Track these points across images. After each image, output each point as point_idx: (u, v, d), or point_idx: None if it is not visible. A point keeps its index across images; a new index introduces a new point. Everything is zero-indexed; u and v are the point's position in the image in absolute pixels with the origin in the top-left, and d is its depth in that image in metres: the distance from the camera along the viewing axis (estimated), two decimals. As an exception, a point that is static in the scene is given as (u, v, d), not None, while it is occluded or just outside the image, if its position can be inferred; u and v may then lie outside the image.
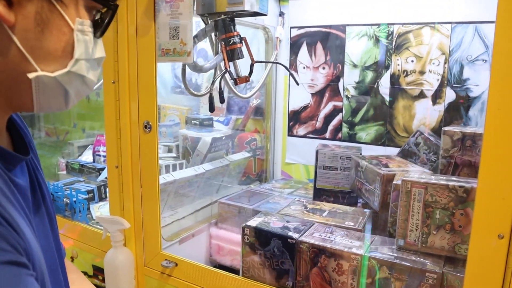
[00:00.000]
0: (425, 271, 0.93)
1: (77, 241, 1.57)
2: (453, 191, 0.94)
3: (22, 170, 0.64)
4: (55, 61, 0.55)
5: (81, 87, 0.61)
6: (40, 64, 0.54)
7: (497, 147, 0.80)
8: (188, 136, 1.82)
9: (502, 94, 0.78)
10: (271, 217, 1.23)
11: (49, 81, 0.55)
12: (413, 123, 1.63)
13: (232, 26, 1.26)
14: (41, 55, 0.53)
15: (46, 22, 0.52)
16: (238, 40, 1.27)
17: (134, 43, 1.22)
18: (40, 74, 0.54)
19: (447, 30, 1.52)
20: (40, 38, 0.53)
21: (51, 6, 0.52)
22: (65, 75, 0.56)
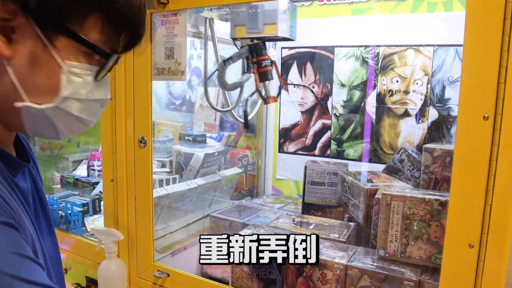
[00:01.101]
0: (403, 279, 0.98)
1: (71, 253, 1.61)
2: (429, 204, 1.00)
3: (24, 177, 0.69)
4: (44, 95, 0.60)
5: (73, 123, 0.65)
6: (30, 96, 0.59)
7: (466, 162, 0.86)
8: (181, 151, 1.88)
9: (470, 114, 0.85)
10: (260, 229, 1.28)
11: (36, 112, 0.60)
12: (398, 141, 1.69)
13: (264, 50, 1.35)
14: (31, 88, 0.59)
15: (38, 60, 0.58)
16: (269, 63, 1.36)
17: (131, 61, 1.29)
18: (27, 104, 0.59)
19: (430, 52, 1.60)
20: (31, 73, 0.58)
21: (44, 47, 0.57)
22: (52, 109, 0.61)
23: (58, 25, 0.57)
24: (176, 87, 2.17)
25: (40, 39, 0.57)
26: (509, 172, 0.82)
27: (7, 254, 0.48)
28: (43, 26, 0.56)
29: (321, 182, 1.61)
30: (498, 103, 0.82)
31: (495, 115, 0.83)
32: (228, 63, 1.40)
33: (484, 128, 0.84)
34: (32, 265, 0.51)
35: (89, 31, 0.59)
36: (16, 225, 0.53)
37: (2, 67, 0.57)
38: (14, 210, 0.55)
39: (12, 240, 0.51)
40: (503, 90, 0.82)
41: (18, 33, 0.56)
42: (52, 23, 0.57)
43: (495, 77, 0.82)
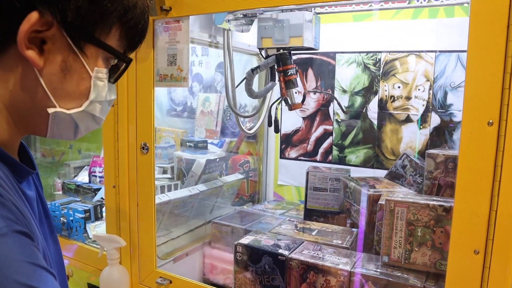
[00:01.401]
0: (408, 286, 0.97)
1: (73, 260, 1.60)
2: (433, 210, 0.99)
3: (29, 185, 0.70)
4: (72, 101, 0.65)
5: (91, 123, 0.70)
6: (59, 102, 0.63)
7: (471, 168, 0.86)
8: (182, 158, 1.88)
9: (474, 120, 0.84)
10: (262, 235, 1.28)
11: (64, 117, 0.65)
12: (400, 147, 1.69)
13: (290, 59, 1.40)
14: (61, 95, 0.63)
15: (69, 69, 0.62)
16: (294, 72, 1.42)
17: (133, 68, 1.29)
18: (58, 110, 0.63)
19: (431, 58, 1.60)
20: (62, 81, 0.62)
21: (75, 56, 0.61)
22: (79, 113, 0.66)
23: (89, 35, 0.61)
24: (178, 94, 2.18)
25: (71, 49, 0.61)
26: (514, 178, 0.82)
27: (22, 263, 0.49)
28: (75, 37, 0.60)
29: (323, 188, 1.60)
30: (503, 108, 0.82)
31: (499, 121, 0.83)
32: (256, 72, 1.48)
33: (489, 134, 0.84)
34: (45, 275, 0.52)
35: (111, 38, 0.64)
36: (30, 233, 0.54)
37: (35, 76, 0.60)
38: (27, 218, 0.56)
39: (27, 249, 0.52)
40: (507, 96, 0.82)
41: (49, 43, 0.59)
42: (84, 34, 0.61)
43: (499, 82, 0.82)
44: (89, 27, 0.61)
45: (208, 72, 2.09)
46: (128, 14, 0.64)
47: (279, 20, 1.33)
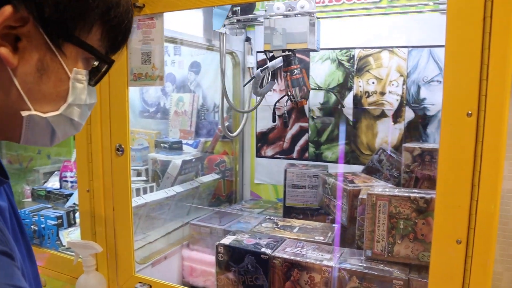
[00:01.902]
0: (392, 278, 0.98)
1: (46, 269, 1.54)
2: (415, 202, 1.00)
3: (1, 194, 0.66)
4: (49, 103, 0.60)
5: (69, 128, 0.65)
6: (35, 105, 0.58)
7: (451, 159, 0.87)
8: (157, 159, 1.84)
9: (454, 111, 0.86)
10: (243, 235, 1.26)
11: (40, 121, 0.60)
12: (375, 142, 1.71)
13: (295, 60, 1.50)
14: (37, 97, 0.58)
15: (46, 69, 0.57)
16: (299, 71, 1.51)
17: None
18: (32, 113, 0.58)
19: (404, 54, 1.62)
20: (38, 82, 0.57)
21: (53, 55, 0.57)
22: (56, 117, 0.61)
23: (68, 33, 0.57)
24: (150, 94, 2.13)
25: (49, 47, 0.56)
26: (494, 167, 0.83)
27: (4, 286, 0.47)
28: (53, 34, 0.56)
29: (302, 185, 1.60)
30: (481, 100, 0.83)
31: (478, 112, 0.84)
32: (264, 72, 1.56)
33: (468, 125, 0.85)
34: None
35: (92, 38, 0.60)
36: (11, 253, 0.51)
37: (8, 76, 0.56)
38: (6, 235, 0.53)
39: (9, 271, 0.49)
40: (485, 87, 0.83)
41: (24, 41, 0.55)
42: (63, 31, 0.57)
43: (477, 74, 0.83)
44: (69, 24, 0.56)
45: (181, 72, 2.05)
46: (110, 12, 0.60)
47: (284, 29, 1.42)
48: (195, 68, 2.03)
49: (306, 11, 1.39)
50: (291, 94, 1.52)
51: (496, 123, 0.83)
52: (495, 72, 0.82)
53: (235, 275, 1.16)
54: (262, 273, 1.12)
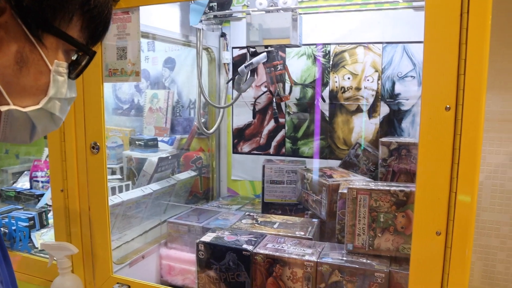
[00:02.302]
0: (374, 271, 0.99)
1: (18, 273, 1.47)
2: (395, 195, 1.02)
3: None
4: (29, 97, 0.57)
5: (49, 124, 0.63)
6: (14, 99, 0.56)
7: (430, 152, 0.88)
8: (132, 157, 1.80)
9: (432, 105, 0.87)
10: (224, 231, 1.25)
11: (19, 116, 0.57)
12: (352, 136, 1.73)
13: (278, 56, 1.52)
14: (16, 90, 0.56)
15: (25, 61, 0.55)
16: (282, 67, 1.53)
17: (79, 63, 1.21)
18: (12, 108, 0.56)
19: (379, 50, 1.64)
20: (18, 75, 0.55)
21: (32, 47, 0.55)
22: (36, 111, 0.59)
23: (48, 23, 0.55)
24: (123, 91, 2.09)
25: (28, 38, 0.54)
26: (472, 160, 0.85)
27: None
28: (32, 25, 0.53)
29: (280, 181, 1.60)
30: (459, 94, 0.85)
31: (456, 106, 0.86)
32: (249, 68, 1.56)
33: (447, 119, 0.86)
34: None
35: (72, 28, 0.58)
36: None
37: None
38: None
39: None
40: (463, 81, 0.85)
41: (1, 32, 0.52)
42: (42, 21, 0.54)
43: (454, 69, 0.85)
44: (48, 14, 0.54)
45: (155, 68, 2.02)
46: (90, 2, 0.58)
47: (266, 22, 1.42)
48: (170, 64, 2.00)
49: (289, 6, 1.39)
50: (275, 90, 1.52)
51: (473, 116, 0.85)
52: (472, 66, 0.84)
53: (216, 273, 1.15)
54: (244, 269, 1.12)
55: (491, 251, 1.67)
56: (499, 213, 1.64)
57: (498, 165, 1.62)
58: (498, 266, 1.67)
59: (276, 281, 1.09)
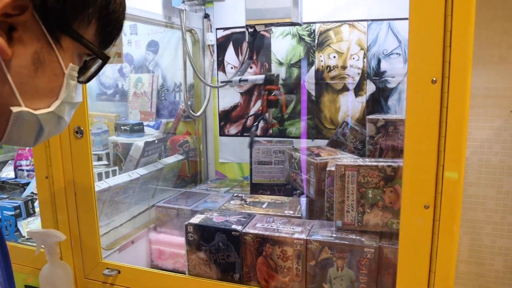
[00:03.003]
0: (363, 247, 0.99)
1: (5, 261, 1.47)
2: (382, 170, 1.02)
3: None
4: (41, 100, 0.56)
5: (55, 127, 0.61)
6: (26, 101, 0.54)
7: (417, 126, 0.88)
8: (118, 142, 1.78)
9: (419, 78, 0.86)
10: (212, 213, 1.24)
11: (29, 118, 0.55)
12: (338, 115, 1.72)
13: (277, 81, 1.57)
14: (29, 92, 0.54)
15: (42, 62, 0.53)
16: (279, 93, 1.59)
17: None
18: (23, 109, 0.54)
19: (364, 27, 1.63)
20: (33, 76, 0.53)
21: (50, 48, 0.53)
22: (47, 114, 0.57)
23: (68, 25, 0.53)
24: (107, 76, 2.05)
25: (46, 39, 0.52)
26: (459, 133, 0.85)
27: None
28: (52, 26, 0.52)
29: (268, 161, 1.60)
30: (445, 66, 0.85)
31: (442, 78, 0.85)
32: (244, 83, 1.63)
33: (433, 92, 0.86)
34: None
35: (89, 32, 0.56)
36: None
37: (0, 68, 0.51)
38: None
39: None
40: (448, 54, 0.84)
41: (20, 31, 0.50)
42: (62, 23, 0.52)
43: (440, 41, 0.84)
44: (69, 16, 0.52)
45: (139, 52, 1.98)
46: (110, 6, 0.56)
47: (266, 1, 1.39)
48: (153, 47, 1.97)
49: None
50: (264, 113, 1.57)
51: (460, 89, 0.84)
52: (458, 38, 0.83)
53: (206, 254, 1.15)
54: (233, 250, 1.11)
55: (478, 225, 1.70)
56: (485, 188, 1.66)
57: (483, 140, 1.64)
58: (484, 239, 1.70)
59: (266, 260, 1.09)
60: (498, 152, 1.63)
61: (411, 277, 0.92)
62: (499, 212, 1.66)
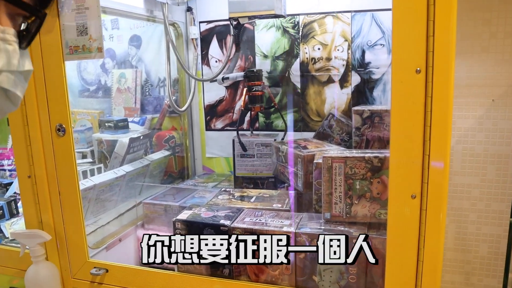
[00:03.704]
0: (352, 238, 0.99)
1: (-11, 264, 1.44)
2: (369, 162, 1.02)
3: None
4: None
5: (4, 102, 0.55)
6: None
7: (403, 116, 0.88)
8: (103, 139, 1.75)
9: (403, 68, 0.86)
10: (200, 208, 1.23)
11: None
12: (324, 107, 1.72)
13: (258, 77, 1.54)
14: None
15: None
16: (261, 89, 1.56)
17: (36, 41, 1.15)
18: None
19: (348, 18, 1.63)
20: None
21: None
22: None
23: None
24: (89, 72, 2.01)
25: None
26: (443, 122, 0.86)
27: None
28: None
29: (251, 154, 1.59)
30: (429, 56, 0.85)
31: (426, 68, 0.85)
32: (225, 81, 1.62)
33: (417, 81, 0.86)
34: None
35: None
36: None
37: None
38: None
39: None
40: (432, 43, 0.84)
41: None
42: None
43: (423, 31, 0.84)
44: None
45: (121, 47, 1.95)
46: None
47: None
48: (136, 42, 1.94)
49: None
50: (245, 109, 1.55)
51: (444, 78, 0.84)
52: (441, 28, 0.83)
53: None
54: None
55: (463, 213, 1.72)
56: (469, 176, 1.68)
57: (467, 129, 1.65)
58: (469, 227, 1.72)
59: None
60: (482, 141, 1.65)
61: (399, 266, 0.93)
62: (484, 200, 1.69)
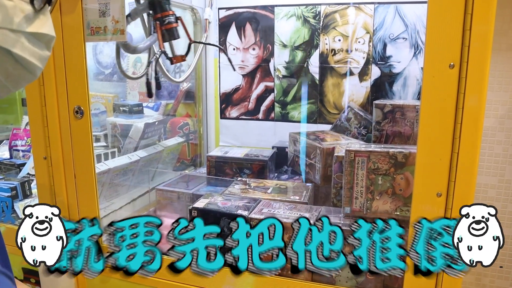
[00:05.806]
0: (372, 234, 0.98)
1: (1, 243, 1.44)
2: (393, 157, 1.00)
3: None
4: None
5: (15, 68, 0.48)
6: None
7: (433, 111, 0.85)
8: (117, 124, 1.74)
9: (436, 63, 0.84)
10: (217, 197, 1.22)
11: None
12: (342, 100, 1.70)
13: (168, 5, 1.21)
14: None
15: None
16: (174, 19, 1.23)
17: (58, 22, 1.13)
18: None
19: (371, 10, 1.59)
20: None
21: None
22: None
23: None
24: (105, 55, 2.00)
25: None
26: (475, 120, 0.83)
27: None
28: None
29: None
30: (464, 50, 0.82)
31: (460, 63, 0.83)
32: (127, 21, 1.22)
33: (450, 76, 0.83)
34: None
35: None
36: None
37: None
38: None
39: None
40: (468, 37, 0.81)
41: None
42: None
43: (460, 24, 0.81)
44: None
45: (138, 30, 1.92)
46: None
47: None
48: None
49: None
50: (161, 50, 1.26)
51: (478, 74, 0.82)
52: (479, 21, 0.80)
53: (210, 239, 1.13)
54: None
55: (478, 213, 1.69)
56: (487, 176, 1.65)
57: (487, 128, 1.62)
58: (484, 227, 1.70)
59: (272, 246, 1.07)
60: (502, 141, 1.62)
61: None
62: (500, 201, 1.66)
